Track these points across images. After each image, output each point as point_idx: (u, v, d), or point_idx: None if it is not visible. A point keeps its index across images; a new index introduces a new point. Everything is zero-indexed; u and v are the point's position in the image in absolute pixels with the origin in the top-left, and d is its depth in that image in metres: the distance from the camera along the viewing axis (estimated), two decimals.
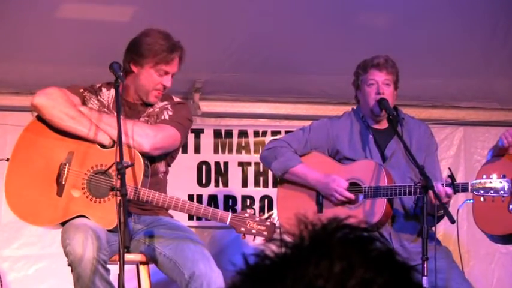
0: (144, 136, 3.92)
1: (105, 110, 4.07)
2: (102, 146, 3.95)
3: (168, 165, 4.18)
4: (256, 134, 5.97)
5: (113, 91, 4.10)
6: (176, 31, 5.28)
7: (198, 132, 5.90)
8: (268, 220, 3.93)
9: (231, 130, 5.95)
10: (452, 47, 5.48)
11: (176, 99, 4.21)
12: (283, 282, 1.02)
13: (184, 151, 5.82)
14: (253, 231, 3.85)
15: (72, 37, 5.19)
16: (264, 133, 5.96)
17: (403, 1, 5.28)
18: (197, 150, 5.90)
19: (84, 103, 4.07)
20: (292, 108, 6.03)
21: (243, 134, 5.96)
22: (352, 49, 5.36)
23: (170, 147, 4.08)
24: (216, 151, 5.92)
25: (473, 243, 5.93)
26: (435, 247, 4.03)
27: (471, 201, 4.56)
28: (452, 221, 3.96)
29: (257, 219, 3.87)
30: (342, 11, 5.27)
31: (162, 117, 4.09)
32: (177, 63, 4.10)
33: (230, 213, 3.89)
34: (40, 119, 4.05)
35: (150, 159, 3.99)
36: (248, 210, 3.95)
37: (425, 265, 3.92)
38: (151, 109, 4.12)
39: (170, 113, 4.11)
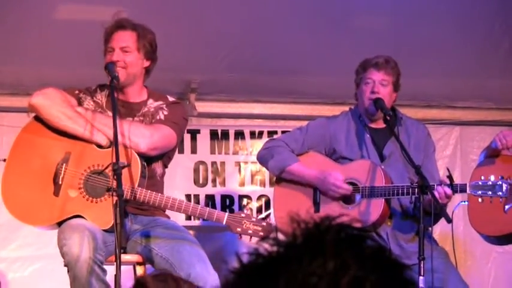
0: (141, 136, 3.92)
1: (100, 110, 4.08)
2: (99, 146, 3.96)
3: (165, 166, 4.17)
4: (252, 134, 5.97)
5: (106, 91, 4.11)
6: (172, 32, 5.29)
7: (194, 133, 5.90)
8: (265, 220, 3.94)
9: (228, 130, 5.95)
10: (448, 47, 5.49)
11: (171, 98, 4.20)
12: (276, 281, 1.03)
13: (181, 151, 5.82)
14: (250, 231, 3.84)
15: (69, 38, 5.19)
16: (261, 133, 5.96)
17: (399, 2, 5.28)
18: (194, 150, 5.90)
19: (79, 104, 4.07)
20: (288, 108, 6.03)
21: (239, 134, 5.96)
22: (348, 50, 5.37)
23: (166, 147, 4.07)
24: (212, 151, 5.93)
25: (469, 243, 5.93)
26: (431, 247, 4.03)
27: (466, 203, 4.56)
28: (449, 221, 3.96)
29: (253, 219, 3.87)
30: (338, 12, 5.28)
31: (158, 117, 4.08)
32: (121, 37, 4.07)
33: (227, 214, 3.89)
34: (38, 119, 4.05)
35: (147, 160, 3.99)
36: (245, 211, 3.95)
37: (422, 265, 3.93)
38: (146, 108, 4.11)
39: (166, 112, 4.10)
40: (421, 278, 3.91)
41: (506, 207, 4.34)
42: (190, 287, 2.17)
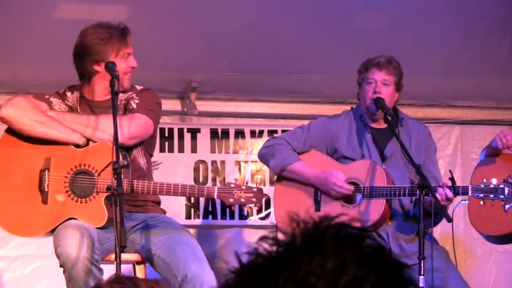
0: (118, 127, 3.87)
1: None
2: (77, 146, 3.93)
3: (150, 155, 4.15)
4: (252, 133, 5.97)
5: (76, 93, 4.08)
6: (172, 31, 5.30)
7: (194, 132, 5.89)
8: (255, 187, 3.93)
9: (228, 129, 5.95)
10: (448, 46, 5.49)
11: (139, 87, 4.14)
12: (275, 280, 1.02)
13: (181, 150, 5.83)
14: (242, 199, 3.85)
15: (67, 37, 5.17)
16: (261, 132, 5.96)
17: (399, 1, 5.29)
18: (194, 149, 5.89)
19: (51, 108, 4.02)
20: (288, 107, 6.03)
21: (239, 133, 5.96)
22: (348, 49, 5.37)
23: (144, 135, 4.03)
24: (212, 150, 5.92)
25: (470, 242, 5.93)
26: (432, 246, 4.03)
27: (466, 201, 4.56)
28: (449, 220, 3.96)
29: (243, 187, 3.87)
30: (339, 11, 5.28)
31: (130, 107, 4.04)
32: (131, 43, 4.05)
33: (216, 187, 3.89)
34: (10, 131, 4.00)
35: (127, 150, 3.95)
36: (233, 181, 3.95)
37: (422, 264, 3.93)
38: (118, 103, 4.05)
39: (137, 101, 4.05)
40: (421, 277, 3.91)
41: (507, 206, 4.35)
42: (149, 285, 2.18)
